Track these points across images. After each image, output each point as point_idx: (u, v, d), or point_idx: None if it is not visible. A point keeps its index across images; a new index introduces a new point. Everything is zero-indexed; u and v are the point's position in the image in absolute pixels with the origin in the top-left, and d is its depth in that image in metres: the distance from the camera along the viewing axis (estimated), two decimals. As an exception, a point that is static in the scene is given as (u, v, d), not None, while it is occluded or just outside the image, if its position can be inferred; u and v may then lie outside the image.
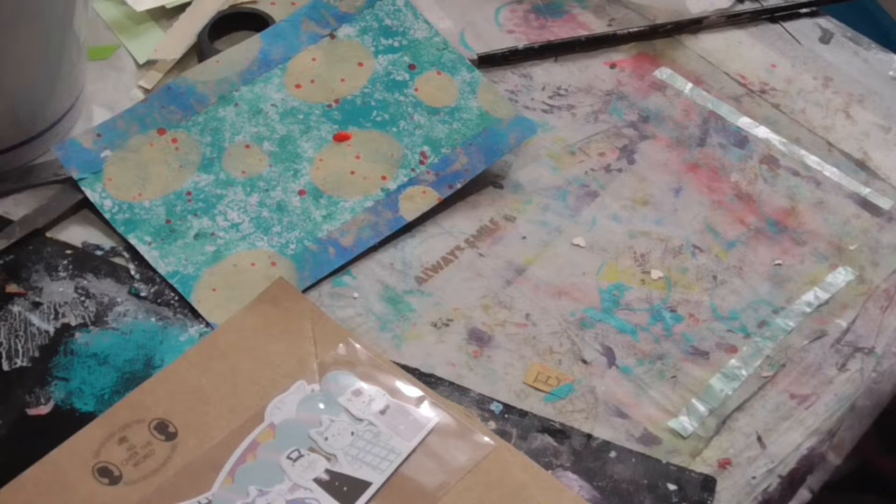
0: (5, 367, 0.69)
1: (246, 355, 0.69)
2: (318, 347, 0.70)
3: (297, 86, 0.82)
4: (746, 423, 0.71)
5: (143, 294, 0.73)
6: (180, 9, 0.88)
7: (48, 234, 0.76)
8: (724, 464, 0.69)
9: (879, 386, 0.73)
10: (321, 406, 0.67)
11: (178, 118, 0.80)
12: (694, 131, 0.86)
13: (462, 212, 0.80)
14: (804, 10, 0.95)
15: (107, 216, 0.76)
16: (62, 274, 0.74)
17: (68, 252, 0.75)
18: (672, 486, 0.67)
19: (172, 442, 0.65)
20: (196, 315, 0.72)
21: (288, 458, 0.65)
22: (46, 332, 0.71)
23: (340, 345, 0.70)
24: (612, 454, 0.68)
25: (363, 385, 0.68)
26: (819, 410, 0.72)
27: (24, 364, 0.69)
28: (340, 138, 0.81)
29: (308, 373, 0.68)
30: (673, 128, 0.86)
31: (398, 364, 0.71)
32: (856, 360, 0.74)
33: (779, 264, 0.79)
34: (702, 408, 0.71)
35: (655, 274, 0.77)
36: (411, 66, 0.84)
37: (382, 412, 0.67)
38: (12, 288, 0.73)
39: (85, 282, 0.73)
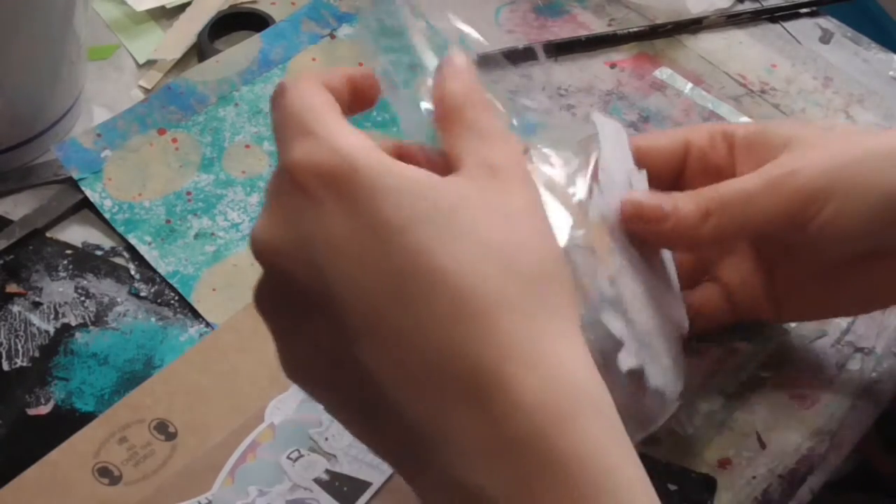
0: (5, 367, 0.69)
1: (246, 355, 0.69)
2: (318, 347, 0.70)
3: (297, 86, 0.82)
4: (746, 423, 0.71)
5: (143, 294, 0.73)
6: (180, 9, 0.88)
7: (48, 234, 0.76)
8: (724, 464, 0.69)
9: (879, 386, 0.73)
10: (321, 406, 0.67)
11: (178, 118, 0.80)
12: (694, 131, 0.86)
13: (462, 212, 0.79)
14: (804, 10, 0.95)
15: (107, 216, 0.76)
16: (62, 274, 0.74)
17: (68, 252, 0.75)
18: (672, 486, 0.67)
19: (172, 442, 0.65)
20: (196, 315, 0.72)
21: (288, 458, 0.65)
22: (46, 332, 0.71)
23: (340, 345, 0.70)
24: (612, 454, 0.68)
25: (363, 385, 0.68)
26: (819, 410, 0.72)
27: (24, 364, 0.69)
28: (340, 138, 0.80)
29: (308, 373, 0.68)
30: (673, 128, 0.86)
31: (398, 364, 0.71)
32: (856, 360, 0.74)
33: (779, 264, 0.79)
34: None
35: (655, 274, 0.77)
36: (411, 67, 0.84)
37: (382, 412, 0.67)
38: (12, 288, 0.73)
39: (85, 282, 0.73)
